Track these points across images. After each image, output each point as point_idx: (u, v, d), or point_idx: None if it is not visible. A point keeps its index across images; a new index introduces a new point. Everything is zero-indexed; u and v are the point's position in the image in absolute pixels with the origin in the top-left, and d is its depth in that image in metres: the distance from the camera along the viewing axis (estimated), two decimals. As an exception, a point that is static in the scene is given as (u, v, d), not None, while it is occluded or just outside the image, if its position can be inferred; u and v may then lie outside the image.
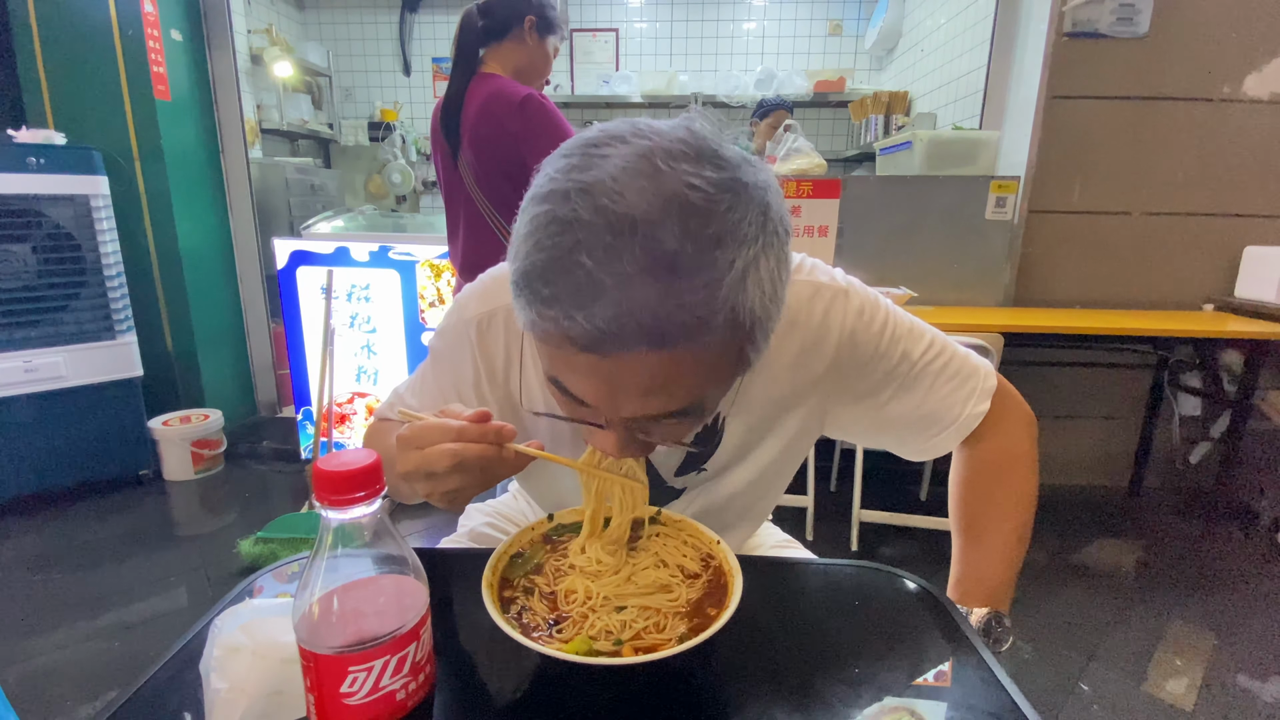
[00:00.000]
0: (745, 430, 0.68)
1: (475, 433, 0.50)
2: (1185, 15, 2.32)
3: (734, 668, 0.53)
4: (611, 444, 0.51)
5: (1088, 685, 1.60)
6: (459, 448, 0.49)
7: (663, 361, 0.42)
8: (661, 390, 0.45)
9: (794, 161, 2.43)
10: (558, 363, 0.47)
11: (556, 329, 0.42)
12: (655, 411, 0.47)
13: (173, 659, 0.53)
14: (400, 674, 0.42)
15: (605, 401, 0.47)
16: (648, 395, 0.45)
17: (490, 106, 1.45)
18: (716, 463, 0.70)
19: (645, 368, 0.43)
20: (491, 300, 0.66)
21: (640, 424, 0.49)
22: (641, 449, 0.53)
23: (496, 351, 0.66)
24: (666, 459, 0.69)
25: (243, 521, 2.33)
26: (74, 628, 1.74)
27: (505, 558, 0.59)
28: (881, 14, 4.00)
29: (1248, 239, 2.45)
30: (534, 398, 0.68)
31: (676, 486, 0.72)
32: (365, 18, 4.40)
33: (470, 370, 0.67)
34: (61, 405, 2.36)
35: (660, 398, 0.46)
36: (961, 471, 0.74)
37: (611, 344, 0.41)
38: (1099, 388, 2.64)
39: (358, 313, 2.40)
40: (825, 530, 2.27)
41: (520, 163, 1.44)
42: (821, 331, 0.64)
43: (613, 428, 0.50)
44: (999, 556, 0.70)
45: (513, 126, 1.42)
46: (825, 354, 0.64)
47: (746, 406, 0.66)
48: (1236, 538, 2.32)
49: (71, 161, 2.28)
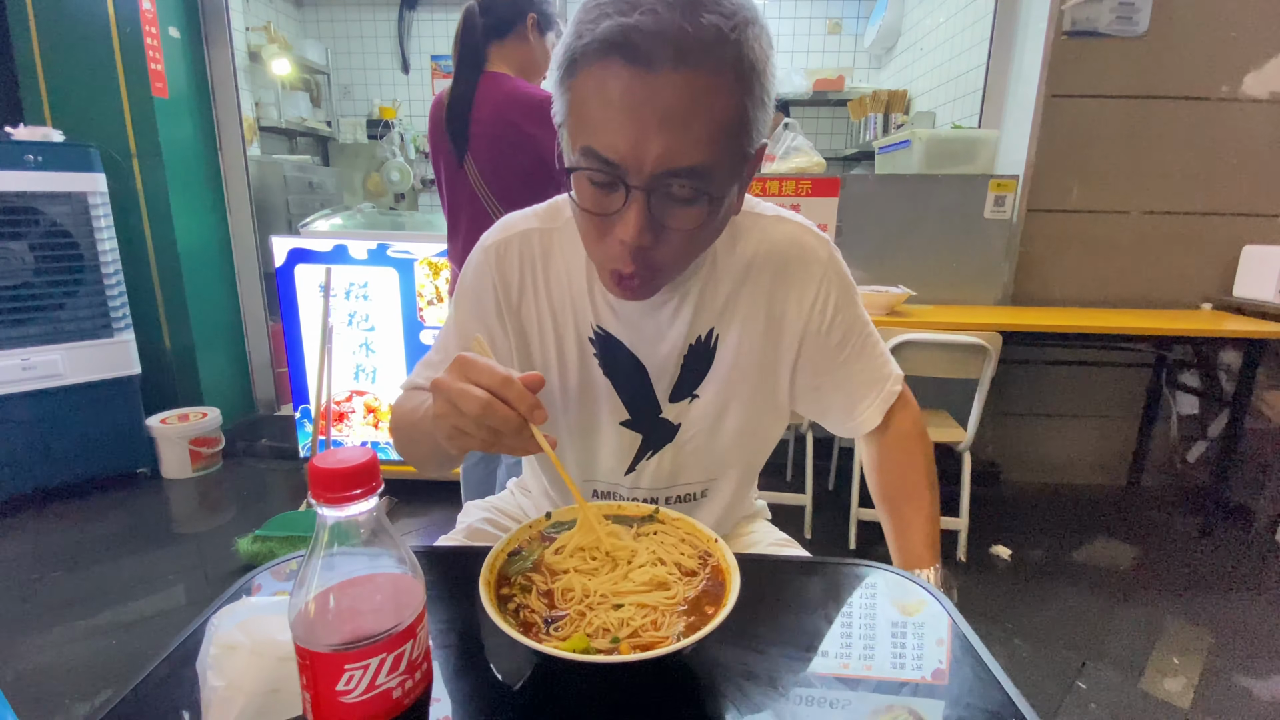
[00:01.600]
0: (733, 354, 0.72)
1: (515, 393, 0.52)
2: (1184, 14, 2.32)
3: (731, 666, 0.53)
4: (632, 227, 0.54)
5: (1085, 683, 1.60)
6: (492, 401, 0.51)
7: (688, 86, 0.50)
8: (684, 126, 0.51)
9: (793, 160, 2.43)
10: (592, 111, 0.53)
11: (600, 47, 0.51)
12: (678, 161, 0.52)
13: (169, 657, 0.52)
14: (397, 672, 0.42)
15: (634, 148, 0.52)
16: (671, 131, 0.51)
17: (506, 110, 1.43)
18: (709, 388, 0.73)
19: (670, 89, 0.50)
20: (507, 230, 0.73)
21: (660, 200, 0.54)
22: (656, 242, 0.57)
23: (511, 273, 0.72)
24: (663, 372, 0.72)
25: (240, 519, 2.33)
26: (71, 626, 1.74)
27: (502, 556, 0.58)
28: (881, 13, 4.00)
29: (1246, 238, 2.45)
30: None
31: (672, 420, 0.74)
32: (364, 15, 4.39)
33: (491, 298, 0.73)
34: (59, 403, 2.35)
35: (682, 137, 0.51)
36: (877, 456, 0.81)
37: (644, 49, 0.49)
38: (1097, 387, 2.65)
39: (356, 311, 2.40)
40: (823, 529, 2.28)
41: (541, 163, 1.43)
42: (810, 259, 0.72)
43: (635, 204, 0.54)
44: (926, 517, 0.76)
45: (531, 128, 1.41)
46: (813, 277, 0.72)
47: (737, 317, 0.72)
48: (1234, 536, 2.33)
49: (69, 159, 2.28)
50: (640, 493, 0.78)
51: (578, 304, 0.72)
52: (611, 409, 0.74)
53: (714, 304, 0.71)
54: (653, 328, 0.71)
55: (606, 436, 0.75)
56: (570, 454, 0.77)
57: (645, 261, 0.58)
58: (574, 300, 0.72)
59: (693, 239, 0.59)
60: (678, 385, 0.73)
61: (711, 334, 0.72)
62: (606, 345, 0.72)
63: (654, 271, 0.60)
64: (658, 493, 0.78)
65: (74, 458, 2.42)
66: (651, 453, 0.76)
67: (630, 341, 0.72)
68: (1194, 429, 2.63)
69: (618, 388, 0.73)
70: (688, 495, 0.79)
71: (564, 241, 0.72)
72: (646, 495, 0.78)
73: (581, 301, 0.72)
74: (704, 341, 0.72)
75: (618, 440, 0.75)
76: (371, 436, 2.51)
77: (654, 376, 0.73)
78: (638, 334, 0.72)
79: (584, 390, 0.74)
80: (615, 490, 0.79)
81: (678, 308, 0.71)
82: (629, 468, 0.76)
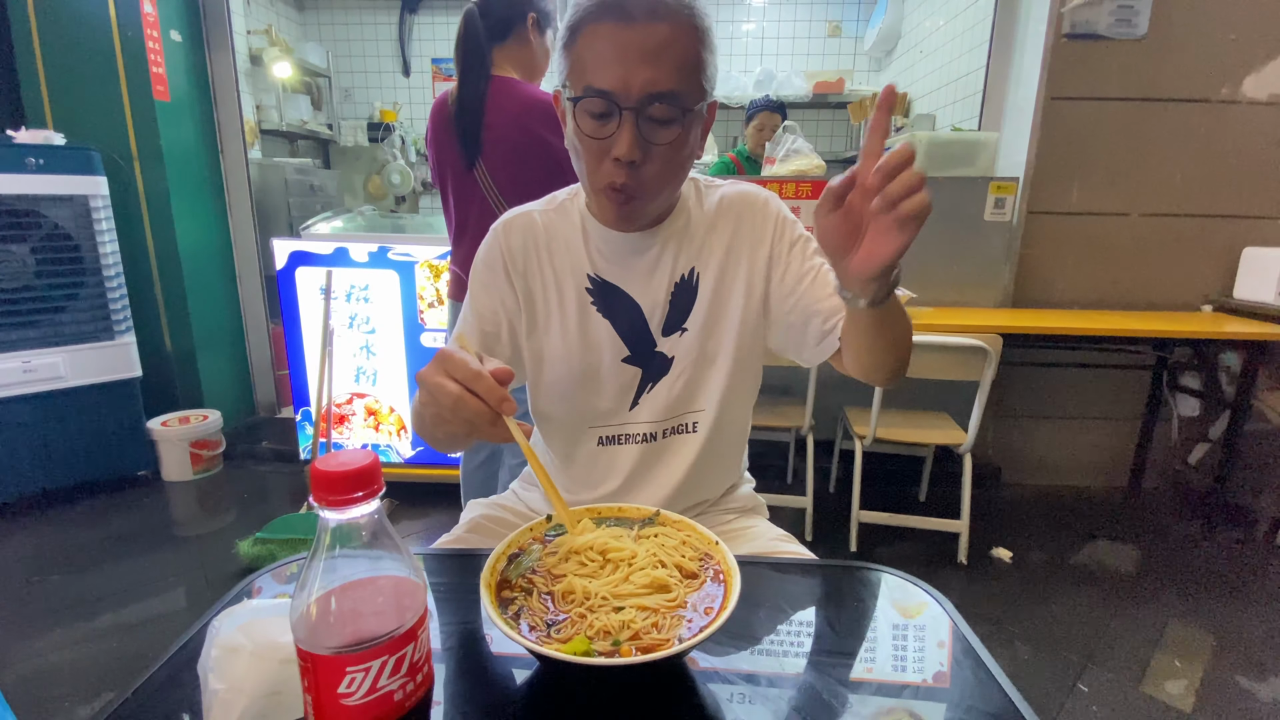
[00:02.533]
0: (713, 288, 0.83)
1: (485, 386, 0.55)
2: (1184, 17, 2.32)
3: (732, 668, 0.53)
4: (625, 143, 0.69)
5: (1086, 686, 1.60)
6: (464, 395, 0.55)
7: (660, 32, 0.67)
8: (658, 61, 0.68)
9: (793, 162, 2.43)
10: (593, 58, 0.69)
11: (593, 16, 0.68)
12: (657, 86, 0.68)
13: (171, 659, 0.53)
14: (398, 674, 0.42)
15: (622, 79, 0.68)
16: (650, 64, 0.68)
17: (523, 117, 1.43)
18: (695, 321, 0.83)
19: (648, 35, 0.67)
20: (512, 214, 0.87)
21: (646, 121, 0.69)
22: (644, 159, 0.71)
23: (516, 242, 0.85)
24: (654, 311, 0.83)
25: (241, 522, 2.33)
26: (72, 628, 1.74)
27: (503, 558, 0.59)
28: (880, 15, 4.01)
29: (1246, 240, 2.45)
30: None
31: (666, 353, 0.84)
32: (365, 18, 4.40)
33: (500, 265, 0.84)
34: (60, 405, 2.35)
35: (658, 69, 0.68)
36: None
37: (627, 8, 0.67)
38: (1098, 389, 2.65)
39: (357, 313, 2.40)
40: (824, 531, 2.28)
41: (559, 166, 1.42)
42: (760, 205, 0.86)
43: (626, 125, 0.69)
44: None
45: (547, 134, 1.41)
46: (768, 218, 0.85)
47: (710, 259, 0.84)
48: (1235, 538, 2.32)
49: (70, 162, 2.28)
50: (641, 427, 0.85)
51: (575, 260, 0.84)
52: (612, 348, 0.83)
53: (691, 246, 0.84)
54: (643, 267, 0.83)
55: (610, 374, 0.84)
56: (580, 396, 0.85)
57: (635, 178, 0.72)
58: (572, 258, 0.84)
59: (669, 160, 0.73)
60: (668, 320, 0.84)
61: (693, 272, 0.84)
62: (603, 290, 0.84)
63: (641, 187, 0.73)
64: (656, 426, 0.85)
65: (75, 460, 2.42)
66: (651, 385, 0.85)
67: (624, 282, 0.84)
68: (1195, 431, 2.63)
69: (616, 327, 0.83)
70: (681, 427, 0.87)
71: (561, 217, 0.86)
72: (647, 430, 0.85)
73: (579, 258, 0.84)
74: (687, 279, 0.84)
75: (619, 376, 0.84)
76: (372, 439, 2.51)
77: (647, 313, 0.83)
78: (630, 273, 0.83)
79: (586, 334, 0.84)
80: (620, 431, 0.86)
81: (660, 250, 0.83)
82: (632, 402, 0.85)
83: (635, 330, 0.83)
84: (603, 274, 0.84)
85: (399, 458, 2.52)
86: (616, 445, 0.86)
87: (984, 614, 1.89)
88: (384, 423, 2.50)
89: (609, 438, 0.86)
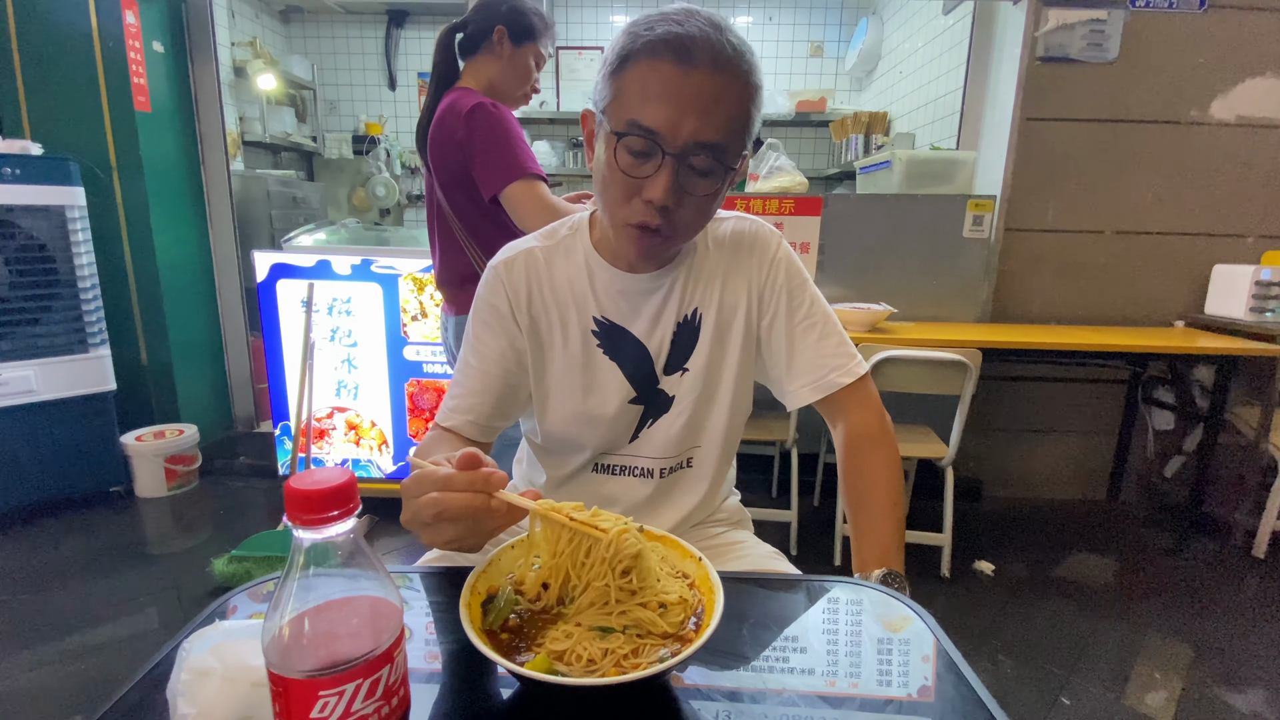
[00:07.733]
0: (714, 328, 0.84)
1: (462, 481, 0.53)
2: (1153, 42, 2.40)
3: (715, 685, 0.52)
4: (661, 187, 0.67)
5: (1069, 699, 1.61)
6: (440, 497, 0.52)
7: (717, 83, 0.66)
8: (711, 112, 0.66)
9: (776, 179, 2.46)
10: (643, 93, 0.66)
11: (651, 51, 0.65)
12: (704, 136, 0.66)
13: (139, 683, 0.51)
14: (373, 698, 0.41)
15: (672, 122, 0.66)
16: (702, 114, 0.66)
17: (443, 119, 1.45)
18: (697, 362, 0.84)
19: (705, 83, 0.65)
20: (511, 251, 0.85)
21: (686, 169, 0.68)
22: (677, 205, 0.70)
23: (519, 281, 0.83)
24: (659, 352, 0.83)
25: (217, 540, 2.28)
26: (40, 649, 1.69)
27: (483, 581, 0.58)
28: (861, 37, 4.09)
29: (1216, 257, 2.52)
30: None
31: (668, 391, 0.84)
32: (351, 32, 4.41)
33: (505, 305, 0.82)
34: (32, 419, 2.30)
35: (709, 120, 0.66)
36: (841, 456, 0.86)
37: (690, 51, 0.64)
38: (1075, 402, 2.69)
39: (338, 326, 2.38)
40: (809, 545, 2.28)
41: (468, 172, 1.43)
42: (765, 244, 0.86)
43: (665, 169, 0.67)
44: (884, 517, 0.80)
45: (460, 136, 1.41)
46: (767, 258, 0.85)
47: (712, 298, 0.84)
48: (1211, 549, 2.36)
49: (47, 172, 2.25)
50: (642, 461, 0.86)
51: (580, 301, 0.83)
52: (620, 391, 0.83)
53: (696, 286, 0.84)
54: (650, 309, 0.83)
55: (615, 412, 0.84)
56: (583, 434, 0.85)
57: (664, 221, 0.70)
58: (576, 299, 0.83)
59: (702, 209, 0.73)
60: (670, 360, 0.84)
61: (696, 313, 0.84)
62: (610, 333, 0.83)
63: (671, 230, 0.72)
64: (655, 463, 0.86)
65: (46, 475, 2.36)
66: (651, 421, 0.85)
67: (630, 324, 0.83)
68: (1170, 444, 2.67)
69: (623, 369, 0.83)
70: (681, 464, 0.88)
71: (563, 254, 0.84)
72: (647, 464, 0.86)
73: (584, 299, 0.83)
74: (690, 320, 0.84)
75: (624, 416, 0.84)
76: (353, 454, 2.48)
77: (653, 354, 0.83)
78: (637, 315, 0.83)
79: (592, 377, 0.84)
80: (618, 461, 0.87)
81: (668, 292, 0.83)
82: (632, 436, 0.86)
83: (641, 372, 0.83)
84: (609, 315, 0.83)
85: (380, 473, 2.48)
86: (612, 475, 0.87)
87: (967, 627, 1.89)
88: (365, 437, 2.47)
89: (605, 466, 0.88)
